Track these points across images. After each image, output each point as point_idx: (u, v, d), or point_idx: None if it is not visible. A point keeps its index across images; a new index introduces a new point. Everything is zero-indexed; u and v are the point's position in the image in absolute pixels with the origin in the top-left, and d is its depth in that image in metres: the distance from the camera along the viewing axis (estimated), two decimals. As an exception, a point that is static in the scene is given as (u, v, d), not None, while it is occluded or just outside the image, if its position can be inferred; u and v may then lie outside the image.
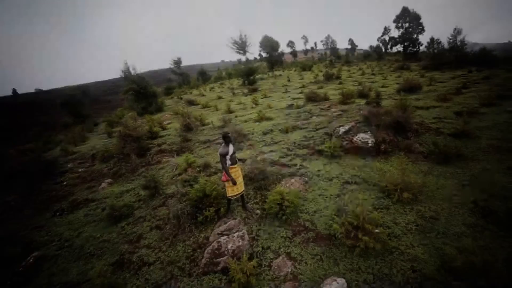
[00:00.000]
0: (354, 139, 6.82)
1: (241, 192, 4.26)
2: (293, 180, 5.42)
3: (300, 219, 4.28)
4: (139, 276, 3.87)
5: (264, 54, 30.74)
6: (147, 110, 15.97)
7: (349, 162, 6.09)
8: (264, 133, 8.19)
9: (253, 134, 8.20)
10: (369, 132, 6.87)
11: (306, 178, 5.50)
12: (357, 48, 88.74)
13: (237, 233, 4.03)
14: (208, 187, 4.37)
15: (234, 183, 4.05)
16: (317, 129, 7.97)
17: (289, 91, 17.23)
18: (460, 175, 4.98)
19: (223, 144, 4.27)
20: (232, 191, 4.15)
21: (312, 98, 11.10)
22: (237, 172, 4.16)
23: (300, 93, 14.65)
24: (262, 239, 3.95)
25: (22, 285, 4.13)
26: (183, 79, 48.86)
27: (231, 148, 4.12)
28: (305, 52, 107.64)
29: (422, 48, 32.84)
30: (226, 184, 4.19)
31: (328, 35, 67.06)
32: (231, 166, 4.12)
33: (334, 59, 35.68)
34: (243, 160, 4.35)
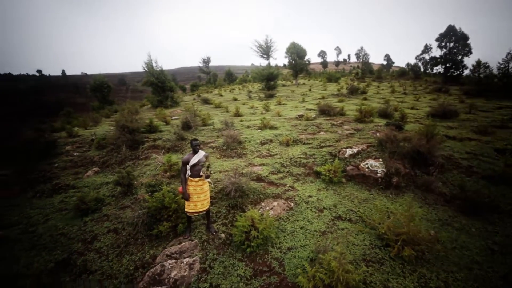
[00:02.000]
0: (362, 165, 5.83)
1: (202, 210, 3.63)
2: (275, 203, 4.66)
3: (268, 256, 3.51)
4: (75, 284, 3.43)
5: (292, 61, 29.98)
6: (162, 104, 16.22)
7: (349, 191, 5.15)
8: (262, 143, 7.48)
9: (250, 142, 7.54)
10: (380, 160, 5.84)
11: (292, 204, 4.69)
12: (394, 64, 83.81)
13: (187, 259, 3.40)
14: (168, 198, 3.81)
15: (186, 199, 3.49)
16: (321, 147, 7.07)
17: (306, 101, 16.30)
18: (490, 235, 3.82)
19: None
20: (188, 207, 3.56)
21: (325, 111, 10.13)
22: (198, 187, 3.54)
23: (317, 104, 13.69)
24: (214, 273, 3.26)
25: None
26: (209, 78, 50.08)
27: (196, 158, 3.53)
28: (337, 63, 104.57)
29: (466, 71, 29.48)
30: None
31: (362, 48, 63.78)
32: (190, 178, 3.52)
33: (361, 73, 33.52)
34: (206, 175, 3.68)
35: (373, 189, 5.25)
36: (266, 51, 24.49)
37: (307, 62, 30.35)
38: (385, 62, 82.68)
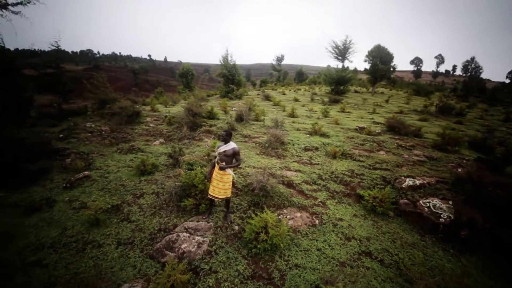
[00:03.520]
0: (421, 202, 4.73)
1: (217, 197, 3.82)
2: (298, 215, 4.39)
3: (272, 264, 3.38)
4: (116, 227, 4.25)
5: (375, 66, 26.59)
6: (228, 95, 17.66)
7: (393, 229, 4.30)
8: (306, 149, 7.08)
9: (293, 145, 7.27)
10: (450, 202, 4.57)
11: (317, 221, 4.31)
12: (525, 85, 62.03)
13: (199, 238, 3.67)
14: (198, 178, 4.18)
15: (207, 179, 3.94)
16: (374, 168, 6.12)
17: (377, 113, 14.28)
18: None
19: None
20: (209, 188, 3.89)
21: (395, 128, 8.59)
22: (218, 175, 3.73)
23: (388, 118, 11.80)
24: (216, 259, 3.40)
25: (68, 189, 5.48)
26: (279, 76, 50.78)
27: (223, 148, 3.73)
28: (434, 74, 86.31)
29: None
30: None
31: (472, 59, 49.65)
32: (216, 164, 3.75)
33: (462, 89, 26.13)
34: (220, 166, 3.79)
35: (428, 235, 4.19)
36: (342, 52, 22.50)
37: (391, 69, 26.16)
38: (507, 80, 62.39)
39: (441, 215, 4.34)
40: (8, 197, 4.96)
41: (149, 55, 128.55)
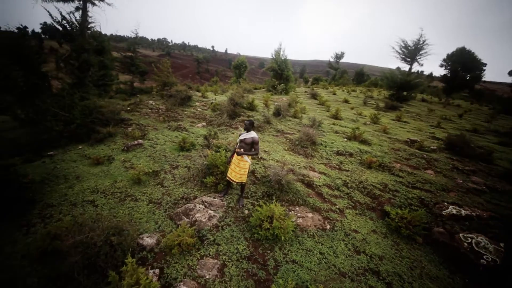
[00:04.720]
0: (461, 235, 4.05)
1: (232, 180, 4.12)
2: (310, 215, 4.35)
3: (270, 253, 3.53)
4: (152, 188, 5.05)
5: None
6: (274, 89, 17.78)
7: (416, 256, 3.85)
8: (338, 153, 6.70)
9: (325, 147, 6.97)
10: (501, 245, 3.76)
11: (328, 226, 4.20)
12: None
13: (211, 212, 4.09)
14: (221, 160, 4.57)
15: (227, 162, 4.39)
16: (414, 186, 5.42)
17: (442, 128, 12.17)
18: None
19: None
20: (227, 171, 4.23)
21: (455, 147, 7.19)
22: (236, 160, 4.02)
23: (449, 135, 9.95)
24: (221, 234, 3.75)
25: (125, 151, 6.71)
26: (335, 74, 47.77)
27: (243, 136, 3.98)
28: (547, 91, 66.10)
29: None
30: None
31: None
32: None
33: None
34: (238, 152, 4.05)
35: (460, 275, 3.59)
36: (412, 54, 19.31)
37: (476, 78, 21.34)
38: None
39: (484, 255, 3.64)
40: (84, 150, 6.45)
41: (213, 46, 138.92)
